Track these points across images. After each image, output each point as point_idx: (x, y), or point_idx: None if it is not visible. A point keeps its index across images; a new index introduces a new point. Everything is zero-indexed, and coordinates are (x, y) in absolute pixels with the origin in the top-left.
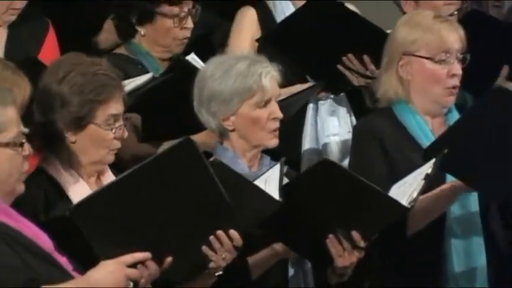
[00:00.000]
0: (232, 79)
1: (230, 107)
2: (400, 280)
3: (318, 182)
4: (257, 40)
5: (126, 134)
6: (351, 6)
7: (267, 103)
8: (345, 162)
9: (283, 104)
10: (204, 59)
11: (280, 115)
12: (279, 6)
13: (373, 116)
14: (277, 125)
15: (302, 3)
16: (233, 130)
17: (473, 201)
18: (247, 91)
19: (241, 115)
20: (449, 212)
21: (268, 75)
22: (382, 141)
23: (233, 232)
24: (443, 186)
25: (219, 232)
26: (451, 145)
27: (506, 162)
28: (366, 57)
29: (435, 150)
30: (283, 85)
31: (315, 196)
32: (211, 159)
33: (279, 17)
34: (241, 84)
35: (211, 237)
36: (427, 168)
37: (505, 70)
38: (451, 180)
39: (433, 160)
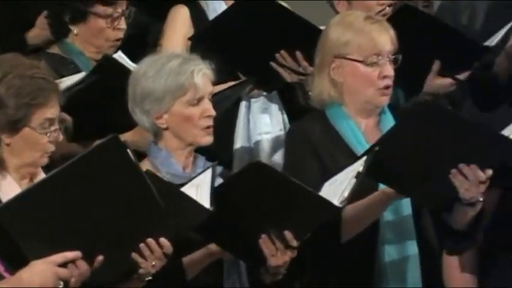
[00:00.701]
0: (164, 77)
1: (163, 105)
2: (333, 281)
3: (249, 184)
4: (189, 38)
5: (61, 137)
6: (282, 4)
7: (199, 101)
8: (276, 159)
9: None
10: (136, 58)
11: (213, 113)
12: (212, 6)
13: (306, 121)
14: (210, 122)
15: None
16: (166, 128)
17: (405, 205)
18: (179, 89)
19: (174, 113)
20: (382, 217)
21: (200, 72)
22: (316, 147)
23: (163, 240)
24: (376, 193)
25: (149, 240)
26: (382, 155)
27: (436, 171)
28: (298, 54)
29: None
30: (216, 83)
31: (247, 197)
32: (144, 169)
33: (212, 16)
34: (173, 82)
35: (141, 245)
36: (358, 166)
37: (436, 65)
38: (383, 187)
39: (364, 158)
